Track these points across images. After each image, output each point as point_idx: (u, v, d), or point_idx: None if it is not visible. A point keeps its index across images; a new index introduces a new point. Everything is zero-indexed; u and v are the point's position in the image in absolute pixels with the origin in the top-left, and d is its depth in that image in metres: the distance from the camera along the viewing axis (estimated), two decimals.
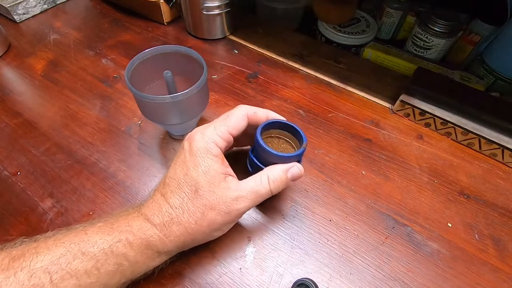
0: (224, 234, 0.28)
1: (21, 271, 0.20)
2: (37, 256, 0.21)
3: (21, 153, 0.37)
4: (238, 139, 0.29)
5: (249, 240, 0.31)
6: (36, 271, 0.21)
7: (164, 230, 0.24)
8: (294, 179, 0.28)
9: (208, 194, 0.25)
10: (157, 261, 0.25)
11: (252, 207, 0.27)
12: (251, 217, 0.33)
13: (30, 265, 0.21)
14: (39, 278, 0.20)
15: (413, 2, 0.56)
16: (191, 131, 0.28)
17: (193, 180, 0.25)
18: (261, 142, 0.27)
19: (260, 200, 0.27)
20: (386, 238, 0.32)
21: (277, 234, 0.32)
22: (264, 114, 0.29)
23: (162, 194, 0.26)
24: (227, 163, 0.27)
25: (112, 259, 0.23)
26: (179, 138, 0.40)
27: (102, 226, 0.24)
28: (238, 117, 0.27)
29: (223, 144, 0.27)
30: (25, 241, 0.23)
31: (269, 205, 0.34)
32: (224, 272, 0.29)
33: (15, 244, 0.23)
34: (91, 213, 0.33)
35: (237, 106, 0.28)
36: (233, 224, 0.27)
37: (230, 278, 0.29)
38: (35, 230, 0.31)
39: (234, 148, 0.35)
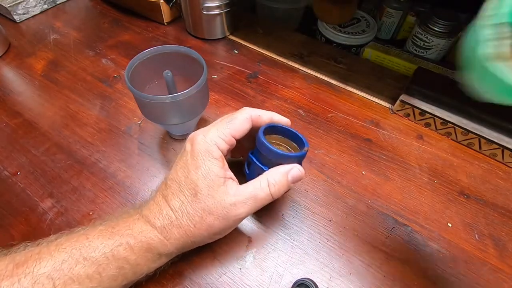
0: None
1: (24, 277, 0.21)
2: (40, 262, 0.21)
3: (21, 153, 0.37)
4: (241, 142, 0.29)
5: (249, 240, 0.31)
6: (40, 277, 0.21)
7: (165, 233, 0.24)
8: (295, 181, 0.27)
9: (207, 199, 0.24)
10: (158, 263, 0.25)
11: (252, 212, 0.26)
12: (251, 217, 0.33)
13: (33, 272, 0.21)
14: (43, 284, 0.21)
15: (413, 2, 0.56)
16: (193, 132, 0.27)
17: (193, 183, 0.25)
18: (263, 139, 0.26)
19: (260, 205, 0.26)
20: (386, 238, 0.32)
21: (277, 234, 0.32)
22: (269, 117, 0.28)
23: (164, 196, 0.26)
24: (227, 166, 0.26)
25: (113, 263, 0.23)
26: (179, 138, 0.40)
27: (103, 230, 0.24)
28: (242, 120, 0.27)
29: (225, 147, 0.26)
30: (28, 245, 0.24)
31: (269, 205, 0.33)
32: (224, 272, 0.29)
33: (18, 249, 0.23)
34: (91, 213, 0.33)
35: (242, 108, 0.28)
36: (232, 229, 0.27)
37: (230, 278, 0.29)
38: (35, 230, 0.31)
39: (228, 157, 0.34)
